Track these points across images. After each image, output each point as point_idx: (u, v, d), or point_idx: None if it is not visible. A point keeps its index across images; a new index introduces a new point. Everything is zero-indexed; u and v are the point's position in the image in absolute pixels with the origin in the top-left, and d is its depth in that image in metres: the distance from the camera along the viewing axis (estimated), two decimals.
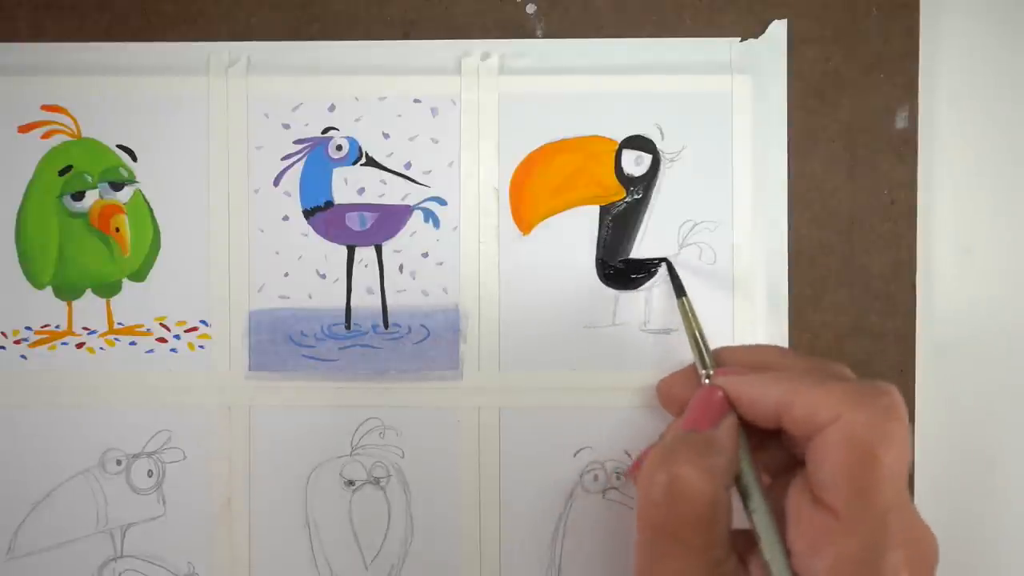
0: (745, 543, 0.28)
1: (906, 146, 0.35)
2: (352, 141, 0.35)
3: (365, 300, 0.35)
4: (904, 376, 0.35)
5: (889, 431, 0.25)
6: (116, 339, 0.35)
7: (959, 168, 0.36)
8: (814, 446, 0.26)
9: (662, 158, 0.35)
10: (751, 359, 0.31)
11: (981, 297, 0.36)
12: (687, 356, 0.35)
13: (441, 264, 0.35)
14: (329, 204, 0.35)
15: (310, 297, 0.35)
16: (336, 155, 0.35)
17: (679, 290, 0.34)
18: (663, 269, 0.35)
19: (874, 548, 0.25)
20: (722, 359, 0.31)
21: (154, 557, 0.35)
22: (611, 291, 0.35)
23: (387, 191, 0.35)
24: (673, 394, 0.33)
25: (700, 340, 0.32)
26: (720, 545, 0.27)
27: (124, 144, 0.35)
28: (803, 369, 0.29)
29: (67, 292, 0.35)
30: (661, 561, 0.27)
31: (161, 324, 0.35)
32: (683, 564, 0.27)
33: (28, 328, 0.35)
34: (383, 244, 0.35)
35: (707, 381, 0.30)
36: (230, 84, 0.35)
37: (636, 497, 0.28)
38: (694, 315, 0.33)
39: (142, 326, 0.35)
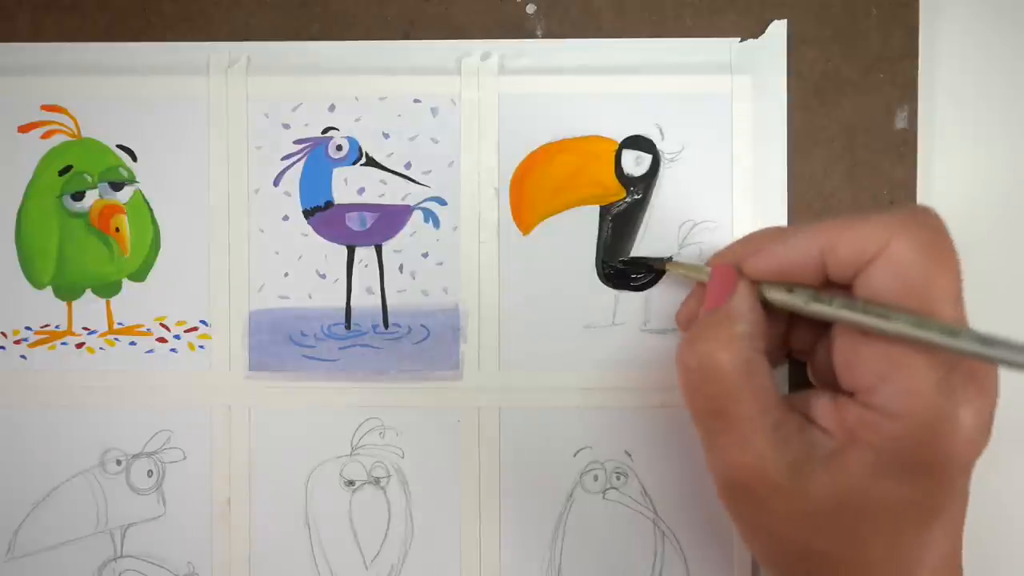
0: (805, 403, 0.28)
1: (906, 146, 0.35)
2: (352, 141, 0.35)
3: (365, 300, 0.35)
4: None
5: (939, 251, 0.25)
6: (116, 339, 0.35)
7: (959, 168, 0.36)
8: (863, 281, 0.26)
9: (662, 158, 0.35)
10: (750, 246, 0.30)
11: (980, 297, 0.36)
12: None
13: (441, 264, 0.35)
14: (329, 204, 0.35)
15: (310, 297, 0.35)
16: (336, 155, 0.35)
17: (659, 262, 0.34)
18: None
19: (944, 369, 0.25)
20: (727, 257, 0.31)
21: (154, 557, 0.35)
22: (611, 291, 0.35)
23: (387, 191, 0.35)
24: (693, 313, 0.33)
25: (700, 268, 0.32)
26: (772, 409, 0.27)
27: (124, 144, 0.35)
28: (814, 223, 0.28)
29: (67, 292, 0.35)
30: (718, 438, 0.27)
31: (161, 324, 0.35)
32: (739, 435, 0.26)
33: (28, 328, 0.35)
34: (383, 244, 0.35)
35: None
36: (230, 84, 0.35)
37: (680, 388, 0.28)
38: (681, 263, 0.34)
39: (142, 326, 0.35)
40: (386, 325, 0.35)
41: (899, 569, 0.26)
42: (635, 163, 0.35)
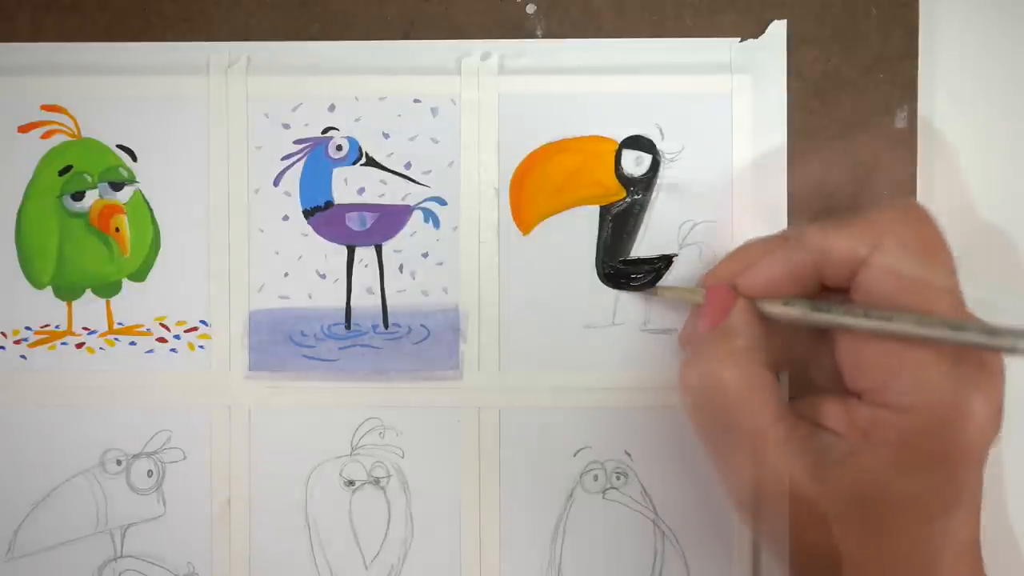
0: (813, 408, 0.28)
1: (906, 146, 0.35)
2: (352, 141, 0.35)
3: (365, 300, 0.35)
4: None
5: (930, 243, 0.26)
6: (116, 339, 0.35)
7: (959, 168, 0.36)
8: (860, 283, 0.26)
9: (662, 158, 0.35)
10: (741, 262, 0.30)
11: (980, 297, 0.36)
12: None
13: (441, 264, 0.35)
14: (329, 204, 0.35)
15: (310, 297, 0.35)
16: (336, 155, 0.35)
17: (650, 292, 0.34)
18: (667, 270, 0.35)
19: (951, 360, 0.25)
20: (720, 275, 0.31)
21: (154, 557, 0.35)
22: (611, 291, 0.35)
23: (387, 191, 0.35)
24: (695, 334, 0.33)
25: (693, 289, 0.32)
26: (781, 419, 0.27)
27: (124, 144, 0.35)
28: (803, 230, 0.28)
29: (67, 292, 0.35)
30: (730, 456, 0.27)
31: (161, 324, 0.35)
32: (751, 450, 0.27)
33: (28, 328, 0.35)
34: (383, 244, 0.35)
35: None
36: (230, 84, 0.35)
37: (685, 409, 0.29)
38: (672, 287, 0.34)
39: (142, 326, 0.35)
40: (386, 325, 0.35)
41: (925, 559, 0.26)
42: (635, 163, 0.35)
